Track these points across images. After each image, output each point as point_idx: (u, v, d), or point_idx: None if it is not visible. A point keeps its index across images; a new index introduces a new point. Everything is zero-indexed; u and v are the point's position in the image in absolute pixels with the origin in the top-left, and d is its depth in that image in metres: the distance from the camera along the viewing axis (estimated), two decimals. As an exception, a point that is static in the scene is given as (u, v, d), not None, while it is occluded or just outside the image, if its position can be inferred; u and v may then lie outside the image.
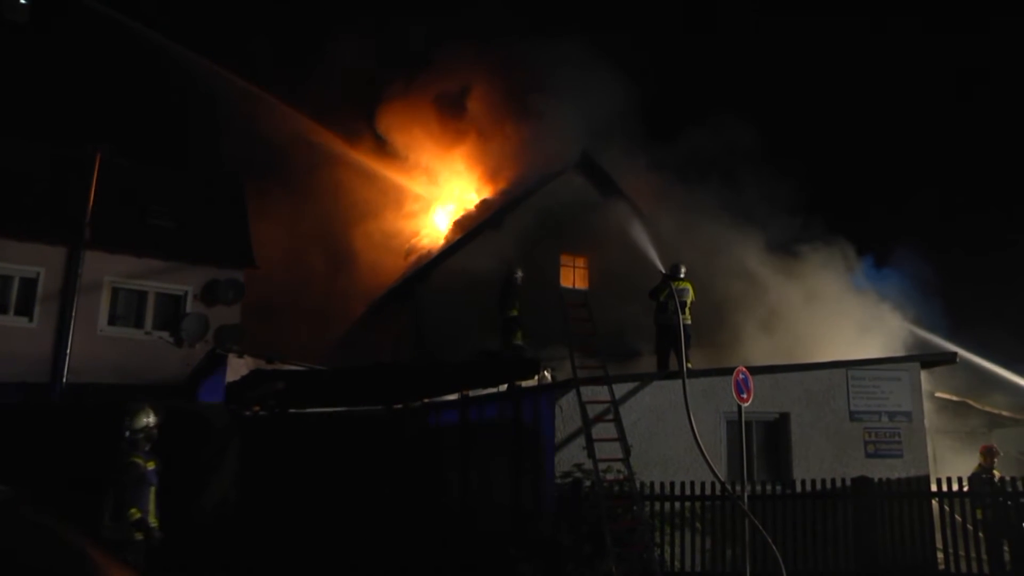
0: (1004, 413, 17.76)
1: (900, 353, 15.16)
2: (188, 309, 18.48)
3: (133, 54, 26.59)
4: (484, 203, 23.09)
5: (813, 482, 11.17)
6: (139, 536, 7.41)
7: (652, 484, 10.73)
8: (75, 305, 17.40)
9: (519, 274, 14.26)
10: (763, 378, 11.71)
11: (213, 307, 18.60)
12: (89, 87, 35.03)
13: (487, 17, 25.61)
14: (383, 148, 26.20)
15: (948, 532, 10.73)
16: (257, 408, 13.08)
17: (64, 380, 16.95)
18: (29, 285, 17.46)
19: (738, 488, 10.42)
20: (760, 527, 10.12)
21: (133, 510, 7.36)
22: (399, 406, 13.69)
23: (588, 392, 10.97)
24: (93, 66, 32.19)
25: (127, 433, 7.59)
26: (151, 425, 7.68)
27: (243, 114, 24.49)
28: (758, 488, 11.17)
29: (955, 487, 10.90)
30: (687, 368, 11.76)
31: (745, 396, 10.41)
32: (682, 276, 13.59)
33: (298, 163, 25.80)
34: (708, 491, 10.73)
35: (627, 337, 16.13)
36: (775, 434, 12.15)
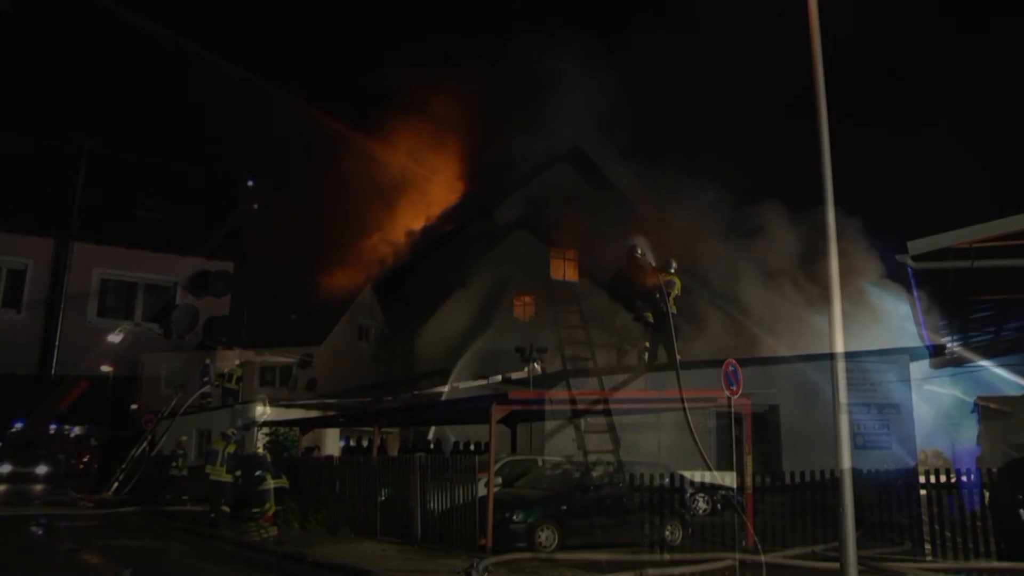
0: (991, 406, 17.79)
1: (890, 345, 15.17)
2: (178, 300, 18.40)
3: (122, 43, 26.39)
4: (474, 195, 23.02)
5: (803, 474, 11.19)
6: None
7: (641, 475, 10.72)
8: (64, 296, 17.31)
9: (640, 251, 13.71)
10: (753, 370, 11.72)
11: (203, 298, 18.52)
12: (77, 78, 34.79)
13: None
14: (374, 140, 26.12)
15: (936, 523, 10.74)
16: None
17: (53, 371, 16.88)
18: (17, 277, 17.35)
19: (728, 480, 10.41)
20: (747, 521, 10.11)
21: (268, 504, 6.90)
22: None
23: (578, 384, 10.98)
24: (81, 56, 31.95)
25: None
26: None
27: (236, 105, 24.38)
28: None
29: (943, 479, 10.91)
30: (678, 360, 11.73)
31: (735, 388, 10.38)
32: (672, 270, 13.55)
33: (291, 155, 25.71)
34: (699, 482, 10.72)
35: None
36: (765, 426, 12.16)
